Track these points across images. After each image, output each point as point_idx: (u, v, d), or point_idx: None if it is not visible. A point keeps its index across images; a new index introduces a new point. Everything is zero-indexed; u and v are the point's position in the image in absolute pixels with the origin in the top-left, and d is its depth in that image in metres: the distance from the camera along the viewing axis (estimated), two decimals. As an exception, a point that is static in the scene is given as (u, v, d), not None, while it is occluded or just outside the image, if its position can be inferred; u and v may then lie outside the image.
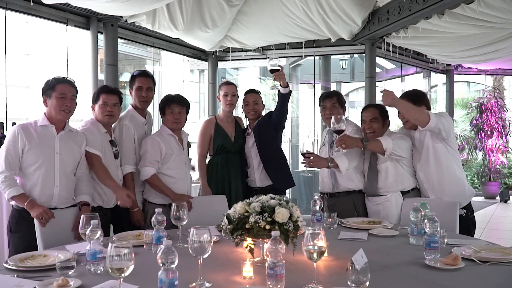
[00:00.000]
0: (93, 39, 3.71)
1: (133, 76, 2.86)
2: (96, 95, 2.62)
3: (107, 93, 2.57)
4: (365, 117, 2.80)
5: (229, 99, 3.14)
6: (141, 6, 3.36)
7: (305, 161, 2.69)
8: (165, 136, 2.72)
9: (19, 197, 2.19)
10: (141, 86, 2.80)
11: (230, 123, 3.21)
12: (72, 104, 2.34)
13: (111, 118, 2.58)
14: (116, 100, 2.59)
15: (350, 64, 10.05)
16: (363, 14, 4.20)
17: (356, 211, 2.82)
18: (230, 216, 1.79)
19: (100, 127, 2.56)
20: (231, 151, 3.13)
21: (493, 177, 7.99)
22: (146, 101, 2.84)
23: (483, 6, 3.32)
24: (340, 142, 2.55)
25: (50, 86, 2.32)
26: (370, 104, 2.97)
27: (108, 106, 2.55)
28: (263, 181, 3.10)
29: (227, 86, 3.17)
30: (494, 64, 6.37)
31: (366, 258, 1.34)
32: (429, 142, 2.62)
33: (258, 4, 4.21)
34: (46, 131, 2.30)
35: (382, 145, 2.58)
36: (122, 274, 1.36)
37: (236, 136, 3.17)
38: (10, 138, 2.24)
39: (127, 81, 3.12)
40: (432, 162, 2.63)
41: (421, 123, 2.49)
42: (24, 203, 2.18)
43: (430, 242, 1.80)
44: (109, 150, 2.58)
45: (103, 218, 2.39)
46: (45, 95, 2.34)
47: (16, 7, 3.13)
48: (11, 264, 1.70)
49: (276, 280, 1.42)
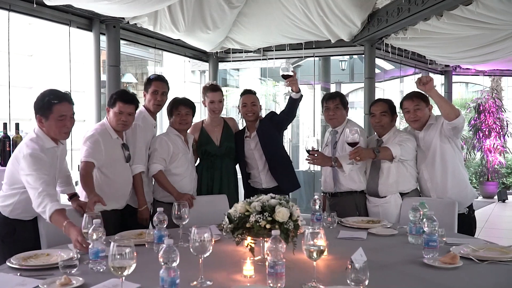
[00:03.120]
0: (95, 40, 3.73)
1: (149, 79, 2.88)
2: (113, 100, 2.55)
3: (124, 102, 2.51)
4: (375, 110, 2.81)
5: (216, 107, 3.06)
6: (143, 8, 3.38)
7: (309, 157, 2.71)
8: (172, 136, 2.82)
9: (61, 213, 1.93)
10: (156, 90, 2.82)
11: (216, 127, 3.11)
12: (72, 123, 2.19)
13: (124, 127, 2.57)
14: (132, 109, 2.55)
15: (350, 65, 10.08)
16: (363, 16, 4.21)
17: (358, 211, 2.83)
18: (231, 215, 1.80)
19: (112, 133, 2.55)
20: (217, 155, 3.05)
21: (491, 177, 8.02)
22: (160, 105, 2.87)
23: (481, 7, 3.34)
24: (355, 155, 2.56)
25: (46, 105, 2.10)
26: (379, 99, 2.98)
27: (122, 115, 2.51)
28: (269, 182, 3.07)
29: (214, 93, 3.03)
30: (492, 65, 6.40)
31: (366, 257, 1.35)
32: (437, 142, 2.65)
33: (258, 6, 4.23)
34: (52, 152, 2.19)
35: (392, 153, 2.61)
36: (124, 272, 1.37)
37: (222, 140, 3.07)
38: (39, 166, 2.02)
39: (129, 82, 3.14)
40: (438, 163, 2.65)
41: (450, 117, 2.48)
42: (64, 221, 1.90)
43: (429, 241, 1.81)
44: (121, 154, 2.58)
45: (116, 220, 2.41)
46: (41, 115, 2.12)
47: (19, 8, 3.15)
48: (14, 263, 1.71)
49: (277, 279, 1.44)
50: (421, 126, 2.72)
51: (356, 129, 2.61)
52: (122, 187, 2.61)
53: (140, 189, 2.69)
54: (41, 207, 1.94)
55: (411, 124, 2.78)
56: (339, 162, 2.71)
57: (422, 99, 2.71)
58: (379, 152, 2.62)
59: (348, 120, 2.98)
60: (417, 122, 2.72)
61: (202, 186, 3.02)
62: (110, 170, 2.53)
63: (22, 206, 2.15)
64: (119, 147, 2.58)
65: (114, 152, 2.54)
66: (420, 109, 2.69)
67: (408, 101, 2.73)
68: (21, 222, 2.18)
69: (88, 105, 3.87)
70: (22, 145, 2.13)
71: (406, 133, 2.80)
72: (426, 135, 2.70)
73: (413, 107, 2.70)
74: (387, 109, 2.80)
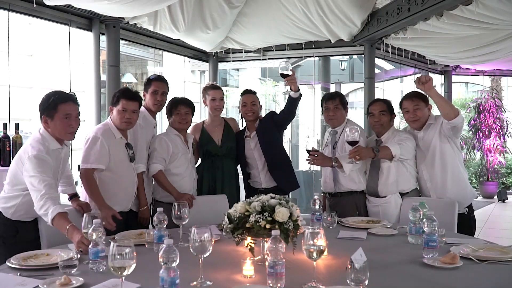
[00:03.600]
0: (95, 40, 3.73)
1: (149, 79, 2.88)
2: (116, 98, 2.49)
3: (127, 99, 2.46)
4: (374, 110, 2.82)
5: (217, 104, 3.06)
6: (143, 7, 3.39)
7: (309, 158, 2.71)
8: (172, 136, 2.82)
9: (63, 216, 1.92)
10: (156, 90, 2.82)
11: (217, 127, 3.11)
12: (77, 123, 2.18)
13: (129, 125, 2.51)
14: (136, 107, 2.50)
15: (350, 65, 10.08)
16: (362, 16, 4.22)
17: (358, 211, 2.84)
18: (230, 215, 1.80)
19: (115, 132, 2.49)
20: (218, 156, 3.05)
21: (491, 176, 8.03)
22: (160, 105, 2.87)
23: (481, 7, 3.34)
24: (354, 154, 2.56)
25: (51, 106, 2.10)
26: (378, 99, 2.99)
27: (126, 112, 2.46)
28: (268, 182, 3.07)
29: (215, 91, 3.07)
30: (492, 65, 6.40)
31: (365, 257, 1.35)
32: (436, 142, 2.65)
33: (258, 6, 4.24)
34: (57, 154, 2.18)
35: (392, 152, 2.61)
36: (124, 272, 1.37)
37: (223, 140, 3.08)
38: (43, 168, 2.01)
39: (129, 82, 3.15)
40: (438, 163, 2.65)
41: (450, 116, 2.48)
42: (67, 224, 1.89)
43: (429, 241, 1.81)
44: (125, 154, 2.53)
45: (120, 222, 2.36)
46: (46, 115, 2.11)
47: (19, 8, 3.16)
48: (14, 263, 1.70)
49: (276, 279, 1.44)
50: (421, 126, 2.73)
51: (356, 128, 2.61)
52: (128, 187, 2.57)
53: (142, 188, 2.69)
54: (43, 209, 1.93)
55: (411, 124, 2.78)
56: (339, 163, 2.71)
57: (422, 99, 2.71)
58: (378, 151, 2.62)
59: (348, 121, 2.98)
60: (416, 122, 2.72)
61: (203, 187, 3.03)
62: (115, 171, 2.47)
63: (25, 208, 2.14)
64: (123, 147, 2.53)
65: (118, 153, 2.49)
66: (420, 109, 2.70)
67: (407, 101, 2.74)
68: (23, 223, 2.17)
69: (88, 105, 3.87)
70: (27, 146, 2.11)
71: (405, 133, 2.81)
72: (425, 135, 2.70)
73: (412, 107, 2.71)
74: (386, 109, 2.80)
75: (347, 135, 2.62)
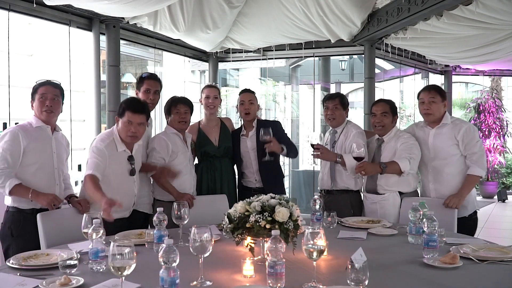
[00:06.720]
0: (95, 40, 3.73)
1: (142, 78, 2.87)
2: (122, 109, 2.38)
3: (133, 112, 2.34)
4: (376, 110, 2.81)
5: (211, 102, 3.07)
6: (143, 7, 3.38)
7: (314, 152, 2.74)
8: (171, 135, 2.82)
9: (20, 187, 2.16)
10: (149, 89, 2.82)
11: (214, 127, 3.11)
12: (54, 104, 2.32)
13: (134, 139, 2.40)
14: (143, 119, 2.37)
15: (350, 65, 10.08)
16: (362, 16, 4.22)
17: (352, 209, 2.84)
18: (230, 215, 1.80)
19: (119, 145, 2.39)
20: (216, 156, 3.05)
21: (491, 176, 8.02)
22: (153, 104, 2.86)
23: (481, 7, 3.34)
24: (360, 169, 2.58)
25: (34, 90, 2.34)
26: (381, 99, 2.97)
27: (132, 125, 2.34)
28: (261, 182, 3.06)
29: (209, 89, 3.11)
30: (492, 65, 6.40)
31: (365, 257, 1.35)
32: (448, 149, 2.65)
33: (258, 6, 4.24)
34: (42, 132, 2.33)
35: (401, 168, 2.59)
36: (124, 272, 1.37)
37: (220, 141, 3.08)
38: (9, 138, 2.21)
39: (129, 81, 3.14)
40: (445, 165, 2.64)
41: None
42: (28, 193, 2.16)
43: (429, 241, 1.81)
44: (125, 167, 2.43)
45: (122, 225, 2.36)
46: (31, 99, 2.36)
47: (19, 8, 3.16)
48: (14, 263, 1.71)
49: (276, 279, 1.44)
50: (434, 122, 2.70)
51: (362, 143, 2.62)
52: (124, 200, 2.40)
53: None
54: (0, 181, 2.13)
55: (424, 117, 2.75)
56: (343, 159, 2.72)
57: (439, 92, 2.70)
58: (385, 167, 2.61)
59: (348, 121, 2.98)
60: (430, 116, 2.68)
61: (203, 187, 3.02)
62: (112, 184, 2.36)
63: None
64: (124, 161, 2.42)
65: (118, 166, 2.39)
66: (435, 102, 2.67)
67: (424, 92, 2.72)
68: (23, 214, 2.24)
69: (88, 105, 3.87)
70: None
71: (408, 135, 2.76)
72: (438, 136, 2.68)
73: (428, 99, 2.68)
74: (388, 110, 2.79)
75: (353, 149, 2.63)
